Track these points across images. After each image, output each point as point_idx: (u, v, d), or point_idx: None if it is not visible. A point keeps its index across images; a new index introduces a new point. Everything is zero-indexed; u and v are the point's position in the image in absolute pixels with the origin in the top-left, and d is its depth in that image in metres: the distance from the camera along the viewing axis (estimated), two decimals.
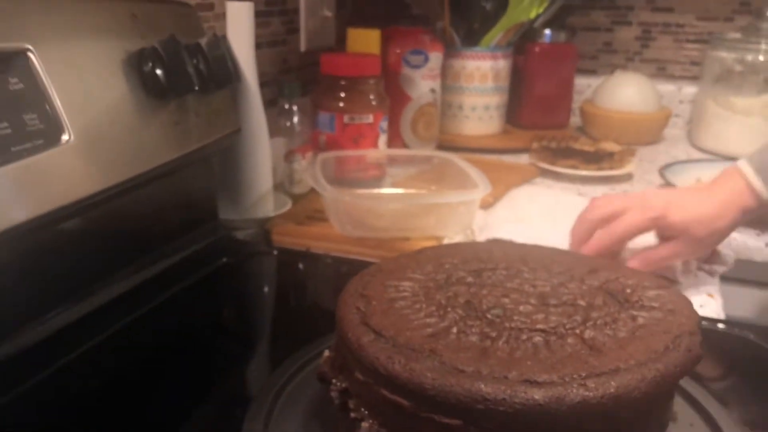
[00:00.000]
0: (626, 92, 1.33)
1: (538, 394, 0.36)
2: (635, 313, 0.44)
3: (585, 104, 1.38)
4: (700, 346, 0.41)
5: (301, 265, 0.78)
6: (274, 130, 0.92)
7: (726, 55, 1.29)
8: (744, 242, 0.89)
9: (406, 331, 0.41)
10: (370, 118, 0.97)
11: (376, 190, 0.94)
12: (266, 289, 0.79)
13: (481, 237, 0.82)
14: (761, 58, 1.25)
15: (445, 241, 0.80)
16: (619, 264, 0.54)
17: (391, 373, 0.38)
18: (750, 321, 0.67)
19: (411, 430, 0.39)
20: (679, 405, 0.47)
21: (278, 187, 0.92)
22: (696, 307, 0.46)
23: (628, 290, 0.47)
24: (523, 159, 1.17)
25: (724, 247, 0.77)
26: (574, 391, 0.36)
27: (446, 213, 0.80)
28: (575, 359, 0.38)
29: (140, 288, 0.68)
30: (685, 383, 0.49)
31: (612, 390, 0.36)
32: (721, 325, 0.62)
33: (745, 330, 0.62)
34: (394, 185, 0.96)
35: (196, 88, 0.65)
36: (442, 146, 1.21)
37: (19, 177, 0.51)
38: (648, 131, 1.34)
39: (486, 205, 0.91)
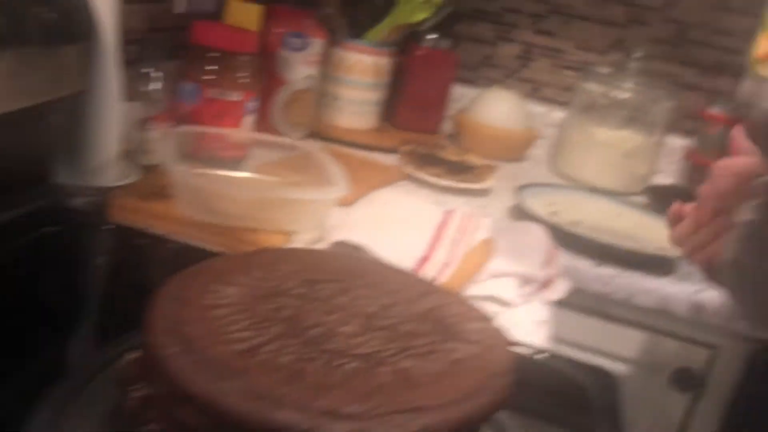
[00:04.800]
0: (499, 108, 1.36)
1: (339, 429, 0.35)
2: (454, 345, 0.44)
3: (459, 114, 1.40)
4: (509, 387, 0.41)
5: (136, 245, 0.73)
6: (132, 94, 0.86)
7: (595, 88, 1.35)
8: (583, 271, 0.93)
9: (218, 345, 0.39)
10: (238, 96, 0.93)
11: (232, 173, 0.90)
12: (94, 266, 0.73)
13: (334, 236, 0.80)
14: (625, 95, 1.32)
15: (295, 237, 0.78)
16: (451, 290, 0.55)
17: (191, 392, 0.36)
18: (576, 343, 0.69)
19: None
20: None
21: (129, 155, 0.86)
22: (525, 332, 0.46)
23: (452, 320, 0.47)
24: (392, 159, 1.17)
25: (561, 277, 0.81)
26: (376, 427, 0.35)
27: (298, 209, 0.78)
28: (386, 391, 0.38)
29: None
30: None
31: (415, 429, 0.36)
32: (541, 355, 0.64)
33: (563, 362, 0.64)
34: (251, 170, 0.93)
35: (37, 41, 0.59)
36: (315, 134, 1.19)
37: None
38: (514, 149, 1.38)
39: (346, 203, 0.90)
